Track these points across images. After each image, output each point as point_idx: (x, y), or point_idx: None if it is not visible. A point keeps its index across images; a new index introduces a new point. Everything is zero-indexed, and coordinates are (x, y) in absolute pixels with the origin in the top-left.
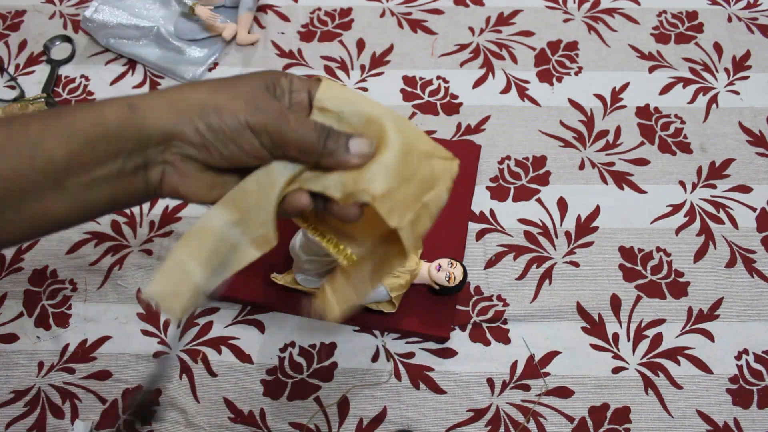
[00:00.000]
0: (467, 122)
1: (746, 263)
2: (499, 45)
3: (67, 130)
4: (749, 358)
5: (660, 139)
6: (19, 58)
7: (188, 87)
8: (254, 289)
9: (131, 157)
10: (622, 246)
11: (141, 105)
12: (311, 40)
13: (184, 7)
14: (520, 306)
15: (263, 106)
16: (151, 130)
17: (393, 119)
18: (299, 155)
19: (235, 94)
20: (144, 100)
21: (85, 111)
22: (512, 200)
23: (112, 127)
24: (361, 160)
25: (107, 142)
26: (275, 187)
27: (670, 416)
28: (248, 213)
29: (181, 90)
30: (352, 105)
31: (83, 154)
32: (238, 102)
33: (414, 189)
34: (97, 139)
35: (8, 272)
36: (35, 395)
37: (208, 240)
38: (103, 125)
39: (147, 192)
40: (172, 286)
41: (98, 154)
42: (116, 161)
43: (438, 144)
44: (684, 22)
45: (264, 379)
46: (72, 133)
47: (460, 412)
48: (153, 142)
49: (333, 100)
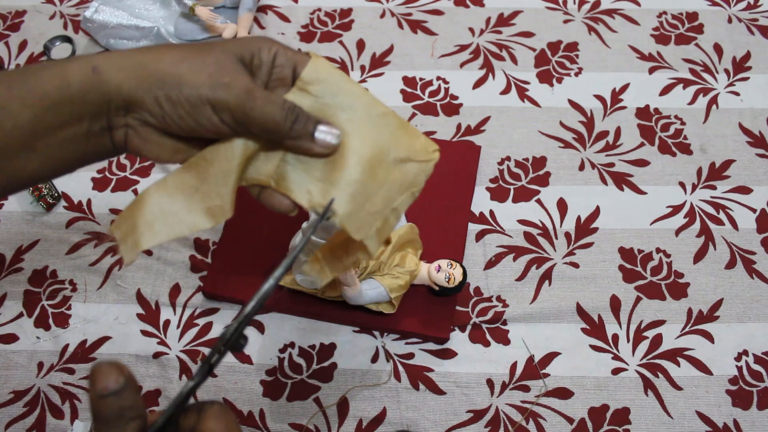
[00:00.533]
0: (467, 123)
1: (746, 264)
2: (499, 46)
3: (33, 93)
4: (749, 359)
5: (660, 140)
6: (20, 58)
7: (155, 52)
8: (254, 290)
9: (96, 120)
10: (622, 247)
11: (104, 68)
12: (311, 41)
13: (184, 7)
14: (520, 307)
15: (228, 81)
16: (113, 95)
17: (368, 121)
18: (263, 134)
19: (201, 65)
20: (109, 61)
21: (51, 72)
22: (512, 201)
23: (76, 91)
24: (325, 150)
25: (71, 105)
26: (235, 160)
27: (669, 417)
28: (207, 181)
29: (147, 54)
30: (335, 93)
31: (49, 117)
32: (201, 75)
33: (381, 198)
34: (61, 102)
35: (8, 272)
36: (35, 395)
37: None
38: (67, 88)
39: (115, 150)
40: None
41: (64, 117)
42: (82, 123)
43: (418, 138)
44: (684, 23)
45: (264, 379)
46: (37, 97)
47: (459, 412)
48: (114, 106)
49: (317, 83)
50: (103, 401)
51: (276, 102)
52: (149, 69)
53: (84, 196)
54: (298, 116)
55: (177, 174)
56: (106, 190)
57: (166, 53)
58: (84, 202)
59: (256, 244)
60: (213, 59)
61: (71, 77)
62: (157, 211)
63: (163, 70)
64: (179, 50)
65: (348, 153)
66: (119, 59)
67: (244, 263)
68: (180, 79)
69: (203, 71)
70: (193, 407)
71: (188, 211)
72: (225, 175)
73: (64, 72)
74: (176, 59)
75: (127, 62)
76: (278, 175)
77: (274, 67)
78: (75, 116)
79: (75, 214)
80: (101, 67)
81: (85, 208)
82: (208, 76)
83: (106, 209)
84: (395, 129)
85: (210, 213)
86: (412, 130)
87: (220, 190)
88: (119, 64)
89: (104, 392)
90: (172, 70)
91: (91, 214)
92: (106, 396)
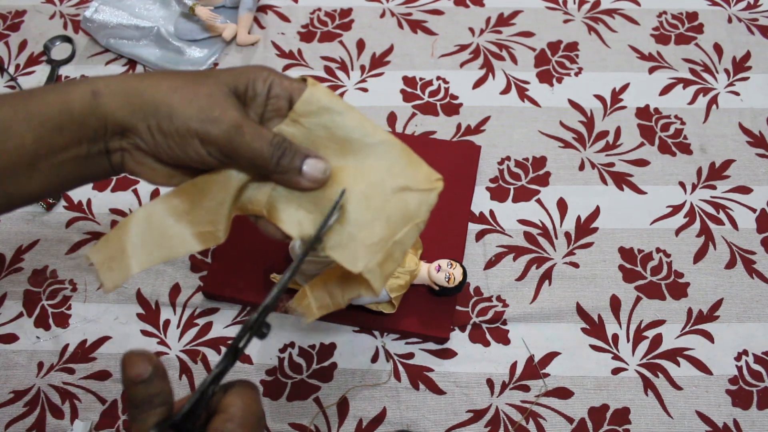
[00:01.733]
0: (467, 123)
1: (746, 264)
2: (499, 46)
3: (36, 116)
4: (749, 359)
5: (660, 139)
6: (19, 58)
7: (152, 79)
8: (254, 290)
9: (94, 143)
10: (622, 247)
11: (104, 92)
12: (311, 41)
13: (184, 7)
14: (520, 307)
15: (218, 115)
16: (109, 120)
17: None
18: (251, 168)
19: (193, 96)
20: (108, 86)
21: (53, 95)
22: (512, 201)
23: (76, 115)
24: (312, 185)
25: (72, 129)
26: (228, 190)
27: (669, 417)
28: (198, 208)
29: (144, 81)
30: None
31: (51, 139)
32: (192, 107)
33: (380, 229)
34: (63, 125)
35: (8, 272)
36: (35, 395)
37: (153, 223)
38: (69, 112)
39: (113, 171)
40: (108, 258)
41: (65, 139)
42: (81, 146)
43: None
44: (684, 22)
45: (264, 379)
46: (41, 120)
47: (459, 412)
48: (110, 130)
49: (309, 115)
50: (134, 388)
51: (264, 137)
52: (144, 97)
53: (84, 195)
54: (285, 151)
55: (166, 198)
56: (106, 189)
57: (162, 81)
58: (84, 201)
59: (256, 244)
60: (206, 91)
61: (73, 101)
62: (148, 234)
63: (158, 99)
64: (175, 79)
65: (339, 184)
66: (118, 84)
67: (244, 263)
68: (171, 109)
69: (194, 103)
70: (222, 387)
71: (179, 234)
72: (218, 204)
73: (66, 95)
74: (171, 89)
75: (125, 88)
76: (270, 205)
77: (269, 98)
78: (76, 139)
79: (75, 214)
80: (101, 91)
81: (85, 207)
82: (199, 109)
83: (106, 209)
84: (396, 157)
85: (201, 237)
86: (414, 159)
87: (213, 218)
88: (117, 89)
89: (136, 380)
90: (165, 100)
91: (91, 214)
92: (137, 383)
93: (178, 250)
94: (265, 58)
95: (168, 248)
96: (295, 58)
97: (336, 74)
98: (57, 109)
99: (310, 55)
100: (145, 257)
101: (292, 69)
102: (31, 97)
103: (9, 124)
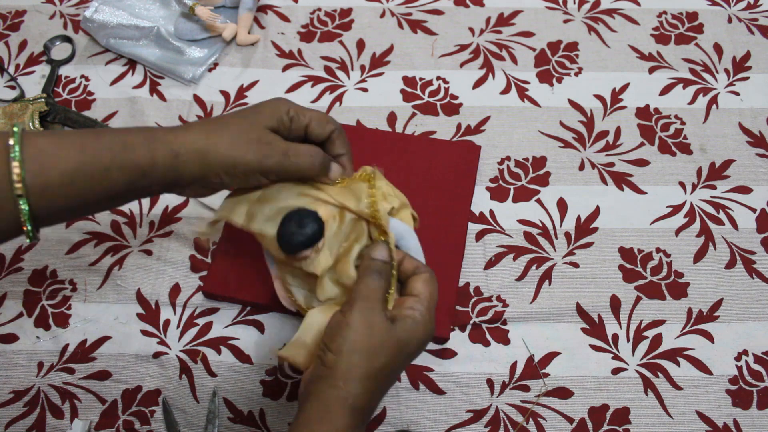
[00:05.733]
0: (467, 123)
1: (746, 264)
2: (499, 45)
3: (130, 164)
4: (749, 359)
5: (660, 139)
6: (19, 58)
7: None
8: (254, 290)
9: (172, 187)
10: (622, 247)
11: (182, 152)
12: (311, 41)
13: (184, 7)
14: (520, 306)
15: (269, 151)
16: (186, 175)
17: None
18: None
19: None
20: (185, 145)
21: (144, 150)
22: (512, 201)
23: (160, 168)
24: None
25: (156, 178)
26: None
27: (669, 417)
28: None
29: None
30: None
31: (138, 184)
32: (249, 154)
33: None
34: (150, 174)
35: (8, 272)
36: (35, 395)
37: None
38: (155, 165)
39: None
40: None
41: (149, 184)
42: (160, 187)
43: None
44: (684, 22)
45: (264, 379)
46: (132, 168)
47: (459, 412)
48: (186, 181)
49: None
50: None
51: (304, 153)
52: (210, 157)
53: None
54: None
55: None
56: None
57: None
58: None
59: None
60: (255, 137)
61: (159, 157)
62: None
63: (222, 156)
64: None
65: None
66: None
67: (244, 263)
68: (235, 161)
69: (251, 151)
70: (412, 260)
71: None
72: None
73: (154, 152)
74: (231, 145)
75: (198, 147)
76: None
77: (291, 126)
78: (156, 185)
79: None
80: (180, 152)
81: None
82: (254, 153)
83: None
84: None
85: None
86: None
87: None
88: (192, 149)
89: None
90: (229, 154)
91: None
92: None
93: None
94: (265, 58)
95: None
96: (295, 58)
97: (336, 74)
98: (147, 161)
99: (310, 55)
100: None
101: (292, 69)
102: (126, 149)
103: (108, 167)
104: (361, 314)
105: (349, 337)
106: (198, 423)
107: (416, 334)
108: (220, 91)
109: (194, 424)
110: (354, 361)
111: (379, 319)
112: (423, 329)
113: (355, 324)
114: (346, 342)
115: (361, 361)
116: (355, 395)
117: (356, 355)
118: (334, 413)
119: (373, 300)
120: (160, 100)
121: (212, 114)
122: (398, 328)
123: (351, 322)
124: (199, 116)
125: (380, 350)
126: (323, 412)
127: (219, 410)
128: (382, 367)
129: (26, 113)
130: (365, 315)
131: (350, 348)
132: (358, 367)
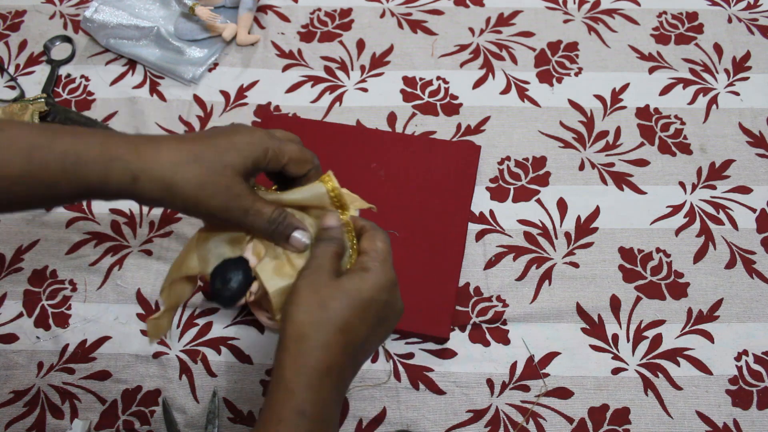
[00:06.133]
0: (467, 123)
1: (746, 264)
2: (499, 46)
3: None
4: (749, 359)
5: (660, 139)
6: (19, 58)
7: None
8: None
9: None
10: (622, 247)
11: (143, 178)
12: (311, 41)
13: (184, 7)
14: (520, 307)
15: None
16: (144, 199)
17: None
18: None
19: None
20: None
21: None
22: (512, 201)
23: (113, 188)
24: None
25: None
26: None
27: (669, 417)
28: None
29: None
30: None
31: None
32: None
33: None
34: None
35: (8, 272)
36: (35, 395)
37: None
38: (107, 185)
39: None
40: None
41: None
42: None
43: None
44: (684, 22)
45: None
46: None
47: (459, 412)
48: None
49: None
50: None
51: (264, 216)
52: (174, 190)
53: None
54: (278, 226)
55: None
56: None
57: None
58: (84, 202)
59: None
60: (225, 183)
61: (113, 179)
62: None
63: (186, 195)
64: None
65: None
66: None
67: None
68: (198, 201)
69: (216, 197)
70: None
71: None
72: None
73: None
74: (198, 186)
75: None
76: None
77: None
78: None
79: (75, 214)
80: (139, 177)
81: (84, 207)
82: (220, 201)
83: (106, 209)
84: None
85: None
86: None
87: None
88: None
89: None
90: (193, 195)
91: (91, 214)
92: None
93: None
94: (265, 58)
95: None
96: (295, 58)
97: (336, 74)
98: (98, 181)
99: (310, 55)
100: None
101: (292, 69)
102: (76, 164)
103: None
104: (306, 279)
105: (294, 300)
106: (198, 423)
107: (366, 282)
108: (220, 91)
109: (194, 424)
110: (301, 318)
111: (326, 278)
112: (374, 277)
113: (300, 288)
114: (291, 305)
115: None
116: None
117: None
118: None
119: (319, 262)
120: (160, 100)
121: (212, 114)
122: (345, 281)
123: (297, 286)
124: (199, 116)
125: (329, 302)
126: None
127: (219, 410)
128: (337, 317)
129: (26, 113)
130: (310, 278)
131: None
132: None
